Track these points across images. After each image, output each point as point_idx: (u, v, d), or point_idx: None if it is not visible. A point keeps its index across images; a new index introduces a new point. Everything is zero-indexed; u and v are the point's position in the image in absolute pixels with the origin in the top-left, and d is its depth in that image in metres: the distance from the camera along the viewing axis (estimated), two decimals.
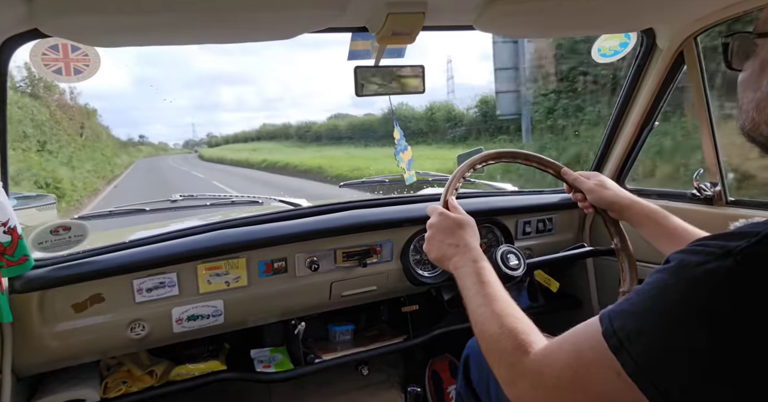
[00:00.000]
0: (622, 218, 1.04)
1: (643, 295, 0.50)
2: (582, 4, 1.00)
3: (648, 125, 1.44)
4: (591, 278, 1.67)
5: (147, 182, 15.66)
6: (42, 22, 0.84)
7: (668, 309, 0.47)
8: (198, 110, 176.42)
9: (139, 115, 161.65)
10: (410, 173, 1.59)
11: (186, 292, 1.20)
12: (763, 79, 0.55)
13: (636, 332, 0.48)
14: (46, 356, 1.11)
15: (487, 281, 0.78)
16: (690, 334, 0.45)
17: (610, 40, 1.38)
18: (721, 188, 1.27)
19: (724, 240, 0.47)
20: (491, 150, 1.14)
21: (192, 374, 1.31)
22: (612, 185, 1.06)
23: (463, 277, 0.81)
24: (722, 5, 1.11)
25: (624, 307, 0.52)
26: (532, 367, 0.59)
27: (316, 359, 1.42)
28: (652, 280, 0.50)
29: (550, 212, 1.61)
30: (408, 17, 0.95)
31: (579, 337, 0.56)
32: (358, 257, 1.37)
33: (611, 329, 0.50)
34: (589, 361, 0.53)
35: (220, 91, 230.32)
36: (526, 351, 0.61)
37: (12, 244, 0.96)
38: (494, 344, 0.66)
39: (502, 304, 0.72)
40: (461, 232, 0.89)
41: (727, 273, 0.45)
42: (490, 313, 0.71)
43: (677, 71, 1.33)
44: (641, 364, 0.47)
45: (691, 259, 0.48)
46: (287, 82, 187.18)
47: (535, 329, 0.66)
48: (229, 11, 0.86)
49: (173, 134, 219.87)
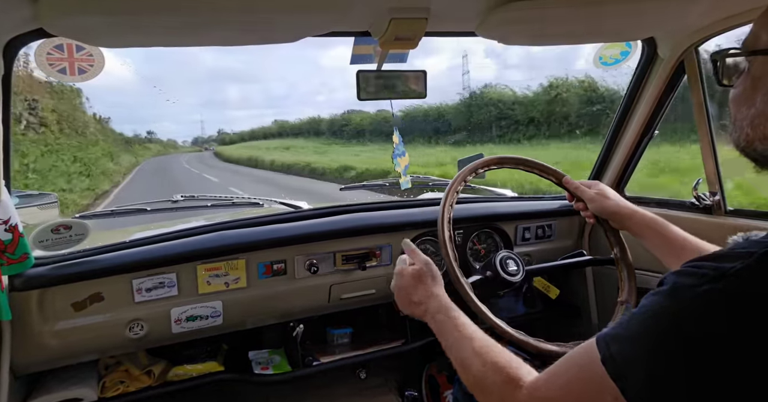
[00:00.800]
0: (623, 228, 1.05)
1: (638, 319, 0.50)
2: (584, 13, 1.00)
3: (648, 134, 1.45)
4: (590, 286, 1.67)
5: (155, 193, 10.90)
6: (47, 22, 0.85)
7: (663, 333, 0.47)
8: (205, 108, 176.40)
9: (146, 112, 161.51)
10: (406, 179, 1.61)
11: (185, 293, 1.20)
12: (756, 95, 0.55)
13: (633, 357, 0.49)
14: (45, 355, 1.11)
15: (461, 323, 0.78)
16: (687, 357, 0.45)
17: (611, 49, 1.39)
18: (720, 198, 1.28)
19: (718, 262, 0.47)
20: (493, 155, 1.14)
21: (190, 375, 1.31)
22: (613, 195, 1.07)
23: (438, 329, 0.82)
24: (723, 15, 1.12)
25: (620, 332, 0.52)
26: (527, 400, 0.59)
27: (314, 362, 1.42)
28: (647, 303, 0.50)
29: (549, 219, 1.62)
30: (411, 23, 0.96)
31: (573, 364, 0.56)
32: (357, 260, 1.37)
33: (609, 354, 0.50)
34: (585, 389, 0.53)
35: (227, 88, 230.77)
36: (517, 385, 0.61)
37: (13, 242, 0.97)
38: (482, 381, 0.67)
39: (478, 342, 0.72)
40: (421, 287, 0.88)
41: (720, 295, 0.44)
42: (471, 352, 0.71)
43: (678, 81, 1.33)
44: (641, 390, 0.47)
45: (684, 282, 0.48)
46: (294, 80, 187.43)
47: (520, 361, 0.66)
48: (233, 14, 0.87)
49: (181, 131, 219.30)
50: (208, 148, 55.45)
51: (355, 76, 1.13)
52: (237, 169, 21.05)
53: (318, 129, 30.31)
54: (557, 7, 0.95)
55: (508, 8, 0.94)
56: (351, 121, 25.50)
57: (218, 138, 63.26)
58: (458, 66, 18.67)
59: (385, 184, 1.82)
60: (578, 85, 13.52)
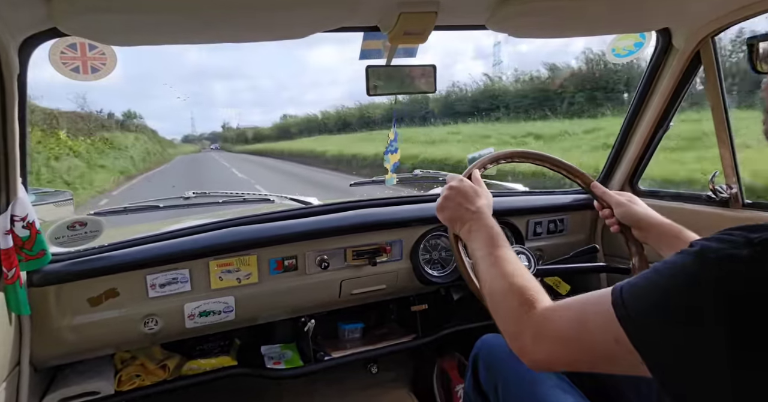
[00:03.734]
0: (647, 237, 1.01)
1: (658, 272, 0.52)
2: (597, 4, 0.99)
3: (663, 126, 1.42)
4: (602, 283, 1.65)
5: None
6: (60, 22, 0.86)
7: (680, 287, 0.49)
8: (193, 106, 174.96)
9: (128, 108, 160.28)
10: (392, 176, 1.63)
11: (198, 288, 1.22)
12: None
13: (644, 304, 0.51)
14: (63, 349, 1.14)
15: (499, 245, 0.81)
16: (698, 311, 0.46)
17: (624, 40, 1.36)
18: (737, 190, 1.25)
19: (747, 231, 0.48)
20: (519, 149, 1.13)
21: (203, 369, 1.33)
22: (641, 203, 1.05)
23: (475, 240, 0.85)
24: (740, 5, 1.09)
25: (637, 281, 0.54)
26: (536, 321, 0.63)
27: (326, 357, 1.43)
28: (671, 260, 0.52)
29: (561, 213, 1.60)
30: (420, 17, 0.95)
31: (588, 301, 0.59)
32: (368, 256, 1.37)
33: (620, 300, 0.53)
34: (592, 324, 0.55)
35: (214, 85, 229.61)
36: (532, 306, 0.65)
37: (30, 239, 0.99)
38: (502, 301, 0.70)
39: (512, 266, 0.75)
40: (480, 201, 0.92)
41: (743, 260, 0.46)
42: (500, 272, 0.74)
43: (693, 72, 1.31)
44: (646, 336, 0.49)
45: (712, 245, 0.49)
46: (284, 77, 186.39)
47: (542, 290, 0.69)
48: (244, 11, 0.87)
49: (169, 129, 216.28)
50: (214, 147, 53.32)
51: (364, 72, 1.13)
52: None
53: (346, 123, 28.37)
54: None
55: (519, 0, 0.93)
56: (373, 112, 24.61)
57: (232, 135, 60.68)
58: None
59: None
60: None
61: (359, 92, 18.91)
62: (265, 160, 27.00)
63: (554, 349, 0.60)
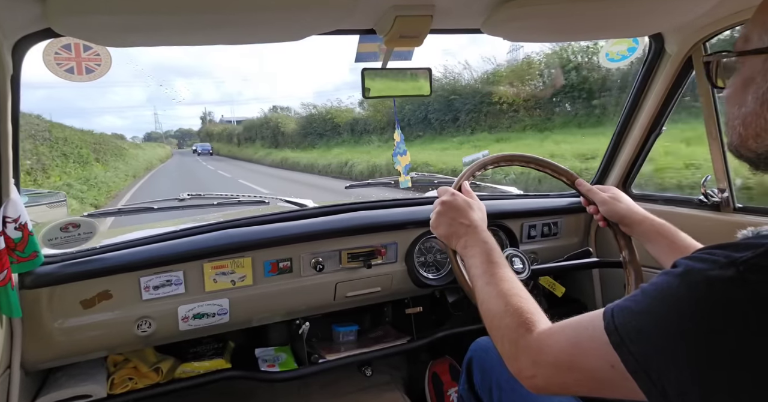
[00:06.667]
0: (633, 233, 1.04)
1: (647, 295, 0.52)
2: (591, 9, 0.99)
3: (655, 130, 1.43)
4: (596, 284, 1.66)
5: None
6: (55, 22, 0.86)
7: (668, 312, 0.49)
8: (152, 102, 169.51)
9: (86, 105, 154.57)
10: (406, 178, 1.61)
11: (192, 291, 1.21)
12: (747, 95, 0.57)
13: (636, 331, 0.51)
14: (55, 351, 1.13)
15: (496, 262, 0.81)
16: (688, 337, 0.47)
17: (618, 45, 1.38)
18: (728, 194, 1.27)
19: (730, 250, 0.48)
20: (505, 153, 1.14)
21: (197, 372, 1.32)
22: (625, 199, 1.06)
23: (472, 256, 0.84)
24: (731, 11, 1.10)
25: (627, 305, 0.54)
26: (534, 345, 0.63)
27: (320, 359, 1.43)
28: (658, 282, 0.52)
29: (555, 216, 1.61)
30: (415, 20, 0.95)
31: (581, 325, 0.59)
32: (362, 258, 1.37)
33: (613, 325, 0.53)
34: (587, 350, 0.56)
35: (174, 82, 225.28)
36: (529, 329, 0.65)
37: (23, 241, 0.98)
38: (499, 321, 0.70)
39: (508, 284, 0.75)
40: (473, 214, 0.92)
41: (728, 282, 0.46)
42: (496, 292, 0.74)
43: (686, 76, 1.32)
44: (641, 362, 0.49)
45: (696, 266, 0.49)
46: (247, 74, 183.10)
47: (539, 310, 0.69)
48: (239, 13, 0.87)
49: (128, 127, 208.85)
50: (201, 150, 42.59)
51: (360, 75, 1.13)
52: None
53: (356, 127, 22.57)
54: (564, 3, 0.95)
55: (514, 5, 0.94)
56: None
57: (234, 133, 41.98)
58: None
59: (390, 182, 1.82)
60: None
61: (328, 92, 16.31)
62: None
63: (552, 375, 0.60)
